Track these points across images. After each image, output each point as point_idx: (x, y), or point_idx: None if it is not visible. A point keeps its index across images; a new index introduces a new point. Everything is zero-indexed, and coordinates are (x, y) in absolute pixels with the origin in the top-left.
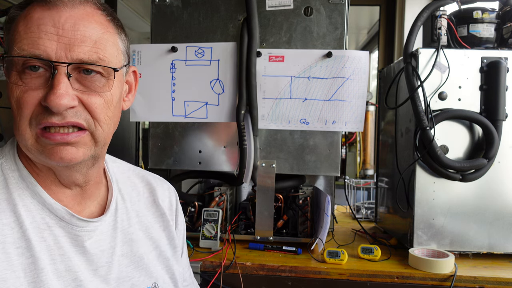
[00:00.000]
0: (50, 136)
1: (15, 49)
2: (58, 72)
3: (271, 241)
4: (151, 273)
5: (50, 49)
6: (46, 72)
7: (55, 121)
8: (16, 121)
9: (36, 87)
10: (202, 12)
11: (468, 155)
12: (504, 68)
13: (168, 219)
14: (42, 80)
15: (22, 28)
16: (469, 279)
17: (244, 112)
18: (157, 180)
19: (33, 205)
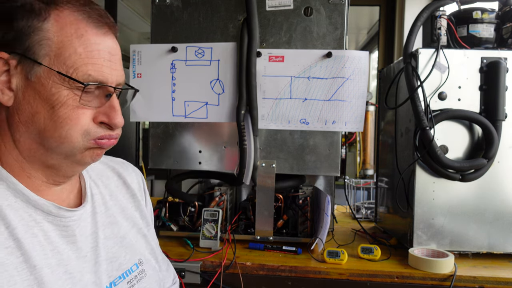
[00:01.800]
0: (103, 144)
1: (80, 71)
2: (113, 96)
3: (271, 241)
4: (135, 250)
5: (109, 76)
6: (98, 92)
7: (113, 134)
8: (61, 128)
9: (91, 107)
10: (202, 12)
11: (467, 155)
12: (503, 68)
13: (139, 199)
14: (96, 101)
15: (82, 50)
16: (469, 279)
17: (244, 112)
18: (121, 164)
19: (17, 203)
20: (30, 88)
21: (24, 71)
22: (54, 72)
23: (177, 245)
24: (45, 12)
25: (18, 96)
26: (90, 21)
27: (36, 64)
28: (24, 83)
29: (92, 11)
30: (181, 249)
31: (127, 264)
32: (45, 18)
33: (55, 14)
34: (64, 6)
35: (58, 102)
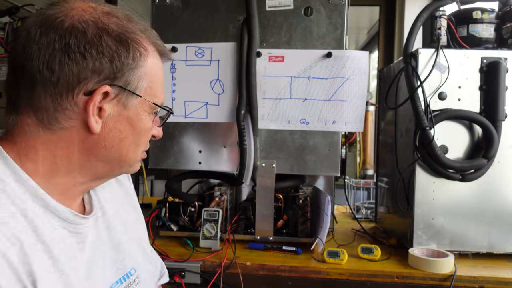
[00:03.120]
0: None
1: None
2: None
3: (271, 241)
4: (130, 255)
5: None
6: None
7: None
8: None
9: (154, 125)
10: (202, 12)
11: (467, 155)
12: (503, 68)
13: (131, 193)
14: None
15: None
16: (469, 279)
17: (244, 112)
18: None
19: (36, 208)
20: (122, 117)
21: (121, 101)
22: (147, 102)
23: (177, 245)
24: (147, 51)
25: (108, 124)
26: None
27: (134, 96)
28: (117, 112)
29: (160, 42)
30: (181, 249)
31: (125, 269)
32: (147, 56)
33: (151, 56)
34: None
35: (144, 128)
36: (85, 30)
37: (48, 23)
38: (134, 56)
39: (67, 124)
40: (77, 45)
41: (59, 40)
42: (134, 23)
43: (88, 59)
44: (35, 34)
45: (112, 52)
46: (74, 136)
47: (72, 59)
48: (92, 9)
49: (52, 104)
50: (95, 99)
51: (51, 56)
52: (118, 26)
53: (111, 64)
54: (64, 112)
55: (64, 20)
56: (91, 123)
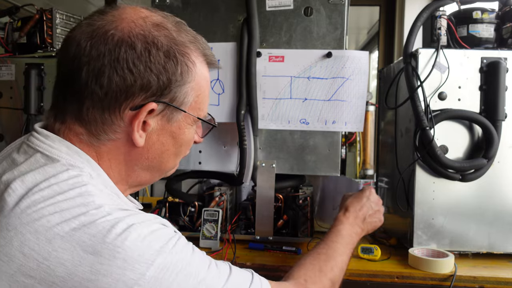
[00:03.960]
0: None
1: (204, 111)
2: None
3: (271, 241)
4: None
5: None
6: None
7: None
8: (177, 160)
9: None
10: (202, 12)
11: (467, 155)
12: (503, 68)
13: None
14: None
15: (206, 92)
16: (469, 279)
17: (244, 112)
18: None
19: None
20: (165, 130)
21: (165, 116)
22: (192, 116)
23: None
24: (195, 65)
25: (151, 137)
26: (210, 63)
27: (179, 111)
28: (160, 126)
29: (209, 51)
30: None
31: None
32: (195, 70)
33: (199, 70)
34: (202, 58)
35: (186, 141)
36: (134, 45)
37: (99, 36)
38: (182, 71)
39: (114, 136)
40: (125, 61)
41: (109, 55)
42: (184, 32)
43: (136, 75)
44: (85, 46)
45: (160, 68)
46: (121, 147)
47: (120, 75)
48: (142, 20)
49: (100, 118)
50: (140, 116)
51: (100, 70)
52: (167, 39)
53: (159, 80)
54: (111, 126)
55: (114, 33)
56: (135, 137)
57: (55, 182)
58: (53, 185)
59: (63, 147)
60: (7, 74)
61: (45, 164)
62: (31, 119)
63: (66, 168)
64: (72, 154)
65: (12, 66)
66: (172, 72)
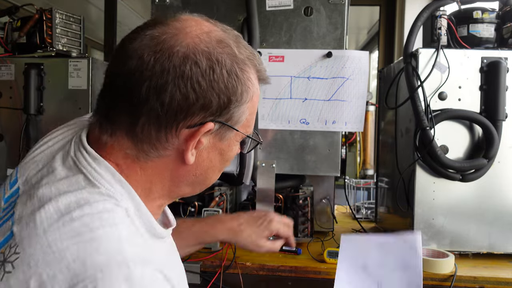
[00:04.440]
0: None
1: (251, 128)
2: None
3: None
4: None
5: None
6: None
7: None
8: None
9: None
10: (202, 12)
11: (468, 155)
12: (504, 68)
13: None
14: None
15: (256, 109)
16: (469, 279)
17: None
18: None
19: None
20: (216, 148)
21: (219, 135)
22: (241, 134)
23: None
24: (252, 83)
25: (201, 154)
26: (263, 80)
27: (232, 129)
28: (212, 144)
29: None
30: None
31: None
32: (253, 88)
33: (255, 84)
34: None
35: (231, 156)
36: (199, 62)
37: (163, 50)
38: (242, 90)
39: (164, 153)
40: (190, 78)
41: (173, 71)
42: (243, 48)
43: (199, 94)
44: (149, 61)
45: (222, 87)
46: (169, 164)
47: (183, 93)
48: (207, 35)
49: (155, 135)
50: (197, 135)
51: (162, 87)
52: (230, 57)
53: (219, 100)
54: (164, 143)
55: (180, 49)
56: (188, 156)
57: (88, 213)
58: (85, 217)
59: (108, 174)
60: (7, 74)
61: (84, 187)
62: (31, 119)
63: (104, 199)
64: (114, 184)
65: (12, 66)
66: (233, 91)
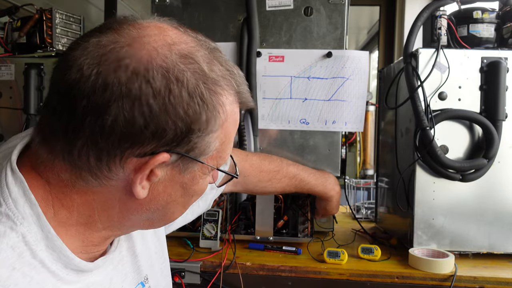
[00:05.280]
0: None
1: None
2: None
3: (271, 241)
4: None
5: None
6: None
7: None
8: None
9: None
10: (202, 12)
11: (468, 155)
12: (504, 68)
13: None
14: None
15: (232, 137)
16: (469, 279)
17: (244, 112)
18: None
19: (69, 275)
20: (175, 182)
21: (178, 167)
22: (209, 167)
23: (177, 245)
24: (225, 108)
25: (157, 188)
26: (244, 104)
27: (196, 162)
28: (170, 177)
29: (245, 88)
30: (181, 249)
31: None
32: (225, 115)
33: (230, 109)
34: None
35: (198, 191)
36: (152, 80)
37: (108, 63)
38: (208, 117)
39: (107, 183)
40: (137, 99)
41: (117, 89)
42: (218, 65)
43: (148, 119)
44: (90, 74)
45: (180, 112)
46: (116, 194)
47: (128, 117)
48: (168, 48)
49: (94, 163)
50: (146, 168)
51: (102, 107)
52: (195, 75)
53: (176, 128)
54: (105, 173)
55: (129, 64)
56: (137, 190)
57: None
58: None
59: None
60: (7, 74)
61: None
62: (31, 119)
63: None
64: (20, 204)
65: (12, 66)
66: (195, 118)
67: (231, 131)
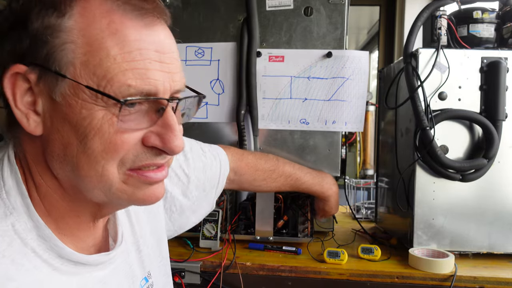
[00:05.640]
0: (150, 176)
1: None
2: (168, 111)
3: (271, 241)
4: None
5: (159, 82)
6: (146, 107)
7: (159, 161)
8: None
9: (139, 128)
10: (202, 12)
11: (468, 155)
12: (504, 68)
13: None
14: (143, 118)
15: (117, 52)
16: (469, 279)
17: (244, 112)
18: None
19: (64, 266)
20: (57, 111)
21: (47, 88)
22: (82, 87)
23: (177, 245)
24: (65, 5)
25: (46, 123)
26: (127, 8)
27: (60, 78)
28: (50, 105)
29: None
30: (181, 249)
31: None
32: (66, 13)
33: (81, 7)
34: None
35: (91, 129)
36: None
37: None
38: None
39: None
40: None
41: None
42: None
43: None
44: None
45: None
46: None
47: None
48: None
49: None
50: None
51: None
52: None
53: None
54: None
55: None
56: (17, 116)
57: None
58: None
59: (14, 182)
60: None
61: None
62: None
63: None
64: (15, 195)
65: None
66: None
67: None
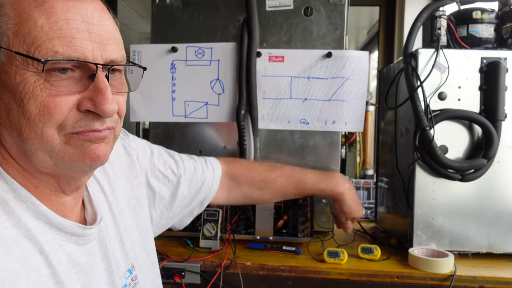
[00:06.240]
0: (89, 134)
1: (43, 48)
2: (99, 76)
3: (271, 241)
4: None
5: (87, 50)
6: (79, 74)
7: (97, 126)
8: (35, 126)
9: (70, 92)
10: (202, 12)
11: (467, 155)
12: (503, 68)
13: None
14: (76, 83)
15: (44, 22)
16: (469, 278)
17: (244, 112)
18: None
19: (39, 226)
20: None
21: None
22: (14, 54)
23: (177, 245)
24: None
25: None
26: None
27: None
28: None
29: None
30: (181, 249)
31: (125, 272)
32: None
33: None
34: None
35: (25, 93)
36: None
37: None
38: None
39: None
40: None
41: None
42: None
43: None
44: None
45: None
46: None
47: None
48: None
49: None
50: None
51: None
52: None
53: None
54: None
55: None
56: None
57: None
58: None
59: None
60: None
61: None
62: None
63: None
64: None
65: None
66: None
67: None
